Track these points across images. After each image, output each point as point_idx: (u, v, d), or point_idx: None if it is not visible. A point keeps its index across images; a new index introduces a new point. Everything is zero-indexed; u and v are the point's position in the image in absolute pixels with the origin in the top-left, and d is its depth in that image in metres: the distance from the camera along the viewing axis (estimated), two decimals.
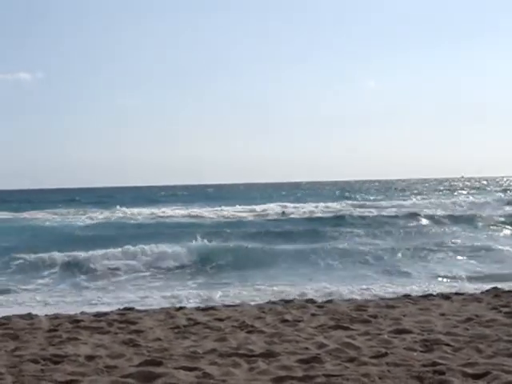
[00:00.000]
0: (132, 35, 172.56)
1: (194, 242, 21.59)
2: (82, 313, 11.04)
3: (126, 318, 10.17)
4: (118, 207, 46.87)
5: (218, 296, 13.25)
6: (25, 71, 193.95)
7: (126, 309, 11.27)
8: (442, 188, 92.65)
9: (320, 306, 10.94)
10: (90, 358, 7.49)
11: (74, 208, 51.69)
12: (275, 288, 14.14)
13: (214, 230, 27.71)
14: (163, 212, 43.27)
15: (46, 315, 10.85)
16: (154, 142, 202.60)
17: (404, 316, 9.72)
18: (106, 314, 10.67)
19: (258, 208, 44.97)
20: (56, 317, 10.60)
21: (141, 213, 42.23)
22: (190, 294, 13.57)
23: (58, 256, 19.31)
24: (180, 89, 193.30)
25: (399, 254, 19.97)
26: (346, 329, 8.86)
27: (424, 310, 10.33)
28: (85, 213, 44.84)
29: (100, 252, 19.70)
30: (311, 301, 11.65)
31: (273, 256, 19.84)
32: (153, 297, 13.45)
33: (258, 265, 18.16)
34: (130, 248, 20.11)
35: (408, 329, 8.64)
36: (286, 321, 9.56)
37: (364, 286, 14.12)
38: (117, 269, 17.97)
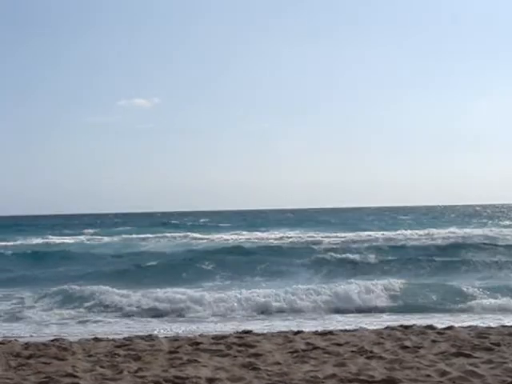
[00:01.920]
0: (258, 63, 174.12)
1: None
2: (201, 335, 11.21)
3: (245, 341, 10.24)
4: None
5: None
6: (141, 97, 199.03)
7: (243, 332, 11.37)
8: None
9: (440, 333, 10.68)
10: (210, 380, 7.59)
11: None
12: None
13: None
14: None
15: (166, 337, 11.07)
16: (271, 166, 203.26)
17: None
18: (224, 336, 10.79)
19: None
20: (176, 339, 10.80)
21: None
22: None
23: None
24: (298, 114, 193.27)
25: None
26: (468, 356, 8.60)
27: None
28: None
29: None
30: (430, 327, 11.40)
31: None
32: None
33: None
34: None
35: None
36: (406, 347, 9.39)
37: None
38: None
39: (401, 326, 11.67)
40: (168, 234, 47.75)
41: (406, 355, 8.79)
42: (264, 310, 16.23)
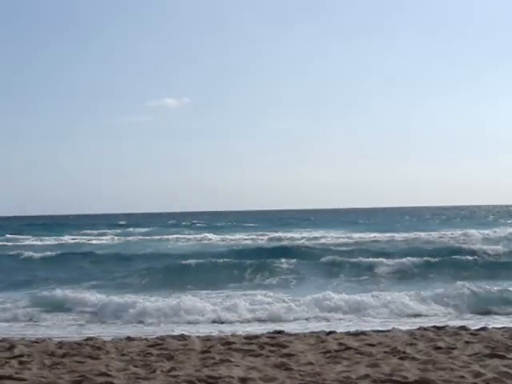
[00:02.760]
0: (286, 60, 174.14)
1: None
2: (233, 335, 11.23)
3: (277, 341, 10.23)
4: None
5: None
6: (171, 97, 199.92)
7: (276, 332, 11.36)
8: None
9: (473, 334, 10.59)
10: (243, 380, 7.61)
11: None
12: None
13: None
14: None
15: (198, 336, 11.10)
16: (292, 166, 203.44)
17: None
18: (256, 336, 10.80)
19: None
20: (208, 338, 10.83)
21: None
22: None
23: None
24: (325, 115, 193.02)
25: None
26: (503, 357, 8.52)
27: None
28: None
29: None
30: (464, 328, 11.30)
31: None
32: None
33: None
34: None
35: None
36: (439, 348, 9.33)
37: None
38: None
39: (433, 326, 11.58)
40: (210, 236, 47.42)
41: (439, 356, 8.73)
42: None
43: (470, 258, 25.14)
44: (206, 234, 47.68)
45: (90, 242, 44.93)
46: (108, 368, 8.38)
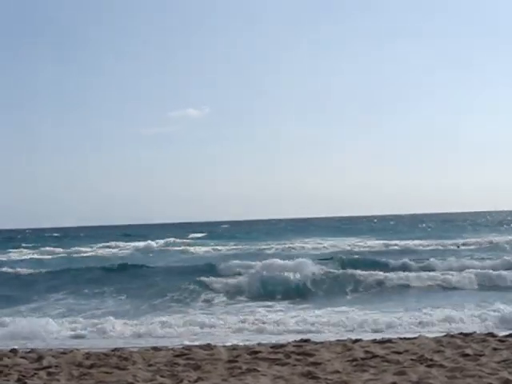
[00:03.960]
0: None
1: None
2: (259, 344, 11.22)
3: (303, 349, 10.22)
4: None
5: None
6: (192, 107, 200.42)
7: (302, 340, 11.33)
8: None
9: (501, 340, 10.49)
10: None
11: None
12: None
13: None
14: None
15: (225, 346, 11.11)
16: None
17: None
18: (282, 345, 10.77)
19: None
20: (234, 348, 10.83)
21: None
22: None
23: None
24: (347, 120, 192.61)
25: None
26: None
27: None
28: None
29: None
30: (491, 334, 11.22)
31: None
32: None
33: None
34: None
35: None
36: (467, 355, 9.25)
37: None
38: None
39: (461, 333, 11.50)
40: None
41: (467, 363, 8.67)
42: None
43: None
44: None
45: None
46: (135, 378, 8.43)
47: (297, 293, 21.16)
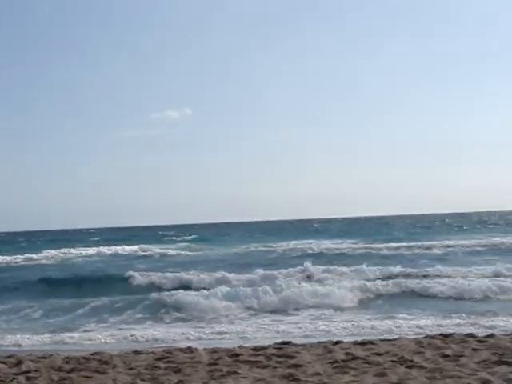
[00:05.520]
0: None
1: None
2: (240, 346, 11.21)
3: (284, 352, 10.21)
4: None
5: None
6: (173, 109, 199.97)
7: (283, 343, 11.34)
8: None
9: (481, 341, 10.56)
10: None
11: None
12: None
13: None
14: None
15: (205, 349, 11.08)
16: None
17: None
18: (263, 348, 10.77)
19: None
20: (215, 350, 10.80)
21: None
22: None
23: None
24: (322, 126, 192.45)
25: None
26: (511, 364, 8.50)
27: None
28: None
29: None
30: (471, 335, 11.28)
31: None
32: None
33: None
34: None
35: None
36: (447, 356, 9.31)
37: None
38: None
39: (441, 334, 11.57)
40: None
41: (447, 364, 8.72)
42: None
43: None
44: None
45: None
46: (115, 382, 8.40)
47: None
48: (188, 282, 24.37)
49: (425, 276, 23.74)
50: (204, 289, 21.30)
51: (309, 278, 24.07)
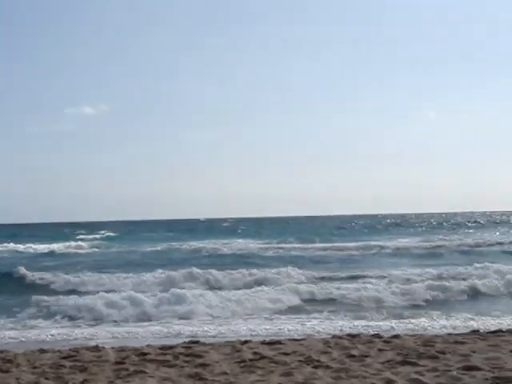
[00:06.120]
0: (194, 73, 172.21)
1: None
2: (148, 345, 11.12)
3: (192, 351, 10.20)
4: None
5: None
6: (89, 105, 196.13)
7: (191, 342, 11.31)
8: None
9: (387, 341, 10.77)
10: None
11: None
12: None
13: None
14: None
15: (113, 347, 10.96)
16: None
17: (473, 352, 9.48)
18: (171, 347, 10.73)
19: None
20: (122, 349, 10.70)
21: None
22: None
23: None
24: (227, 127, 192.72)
25: None
26: (414, 364, 8.71)
27: (494, 346, 10.07)
28: None
29: None
30: (378, 336, 11.50)
31: None
32: None
33: None
34: None
35: (477, 366, 8.42)
36: (353, 356, 9.46)
37: None
38: None
39: (348, 334, 11.76)
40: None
41: (353, 364, 8.86)
42: None
43: None
44: None
45: None
46: (18, 381, 8.23)
47: None
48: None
49: None
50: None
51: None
